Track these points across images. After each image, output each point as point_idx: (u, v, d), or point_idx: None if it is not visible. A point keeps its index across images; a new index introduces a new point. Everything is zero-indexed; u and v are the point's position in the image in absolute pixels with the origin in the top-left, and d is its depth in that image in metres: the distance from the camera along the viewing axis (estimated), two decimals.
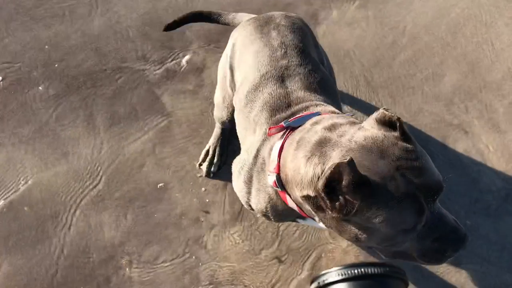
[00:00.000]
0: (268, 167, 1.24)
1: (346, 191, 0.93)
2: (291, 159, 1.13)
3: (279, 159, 1.18)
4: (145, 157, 2.12)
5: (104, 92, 2.25)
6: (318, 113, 1.26)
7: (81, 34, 2.40)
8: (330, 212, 0.98)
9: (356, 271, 0.59)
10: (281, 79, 1.44)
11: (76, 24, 2.44)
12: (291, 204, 1.20)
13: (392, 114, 1.02)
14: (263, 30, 1.58)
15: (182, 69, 2.30)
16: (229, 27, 1.86)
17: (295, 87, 1.42)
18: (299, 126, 1.22)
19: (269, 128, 1.28)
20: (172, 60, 2.32)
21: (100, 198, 2.04)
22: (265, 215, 1.41)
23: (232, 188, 2.04)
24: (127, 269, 1.93)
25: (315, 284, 0.62)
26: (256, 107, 1.43)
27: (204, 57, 2.33)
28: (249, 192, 1.40)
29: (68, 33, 2.40)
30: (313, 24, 2.42)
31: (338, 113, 1.30)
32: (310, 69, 1.48)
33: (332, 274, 0.61)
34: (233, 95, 1.70)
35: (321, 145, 1.06)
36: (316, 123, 1.17)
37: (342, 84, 2.27)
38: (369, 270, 0.60)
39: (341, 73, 2.28)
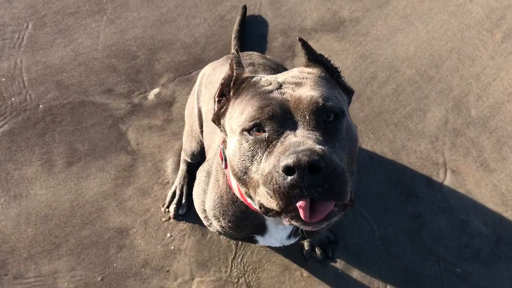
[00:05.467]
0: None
1: (228, 86, 1.08)
2: None
3: None
4: (105, 199, 1.93)
5: (63, 128, 2.08)
6: None
7: (42, 66, 2.24)
8: (213, 115, 1.11)
9: None
10: None
11: (37, 55, 2.28)
12: (233, 183, 1.18)
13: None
14: None
15: (150, 103, 2.14)
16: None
17: None
18: None
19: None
20: (139, 94, 2.17)
21: (54, 245, 1.84)
22: (216, 218, 1.30)
23: (201, 234, 1.85)
24: None
25: None
26: None
27: (174, 90, 2.17)
28: (205, 190, 1.35)
29: (28, 64, 2.24)
30: (290, 56, 2.30)
31: None
32: None
33: None
34: (199, 116, 1.69)
35: None
36: None
37: None
38: None
39: None
